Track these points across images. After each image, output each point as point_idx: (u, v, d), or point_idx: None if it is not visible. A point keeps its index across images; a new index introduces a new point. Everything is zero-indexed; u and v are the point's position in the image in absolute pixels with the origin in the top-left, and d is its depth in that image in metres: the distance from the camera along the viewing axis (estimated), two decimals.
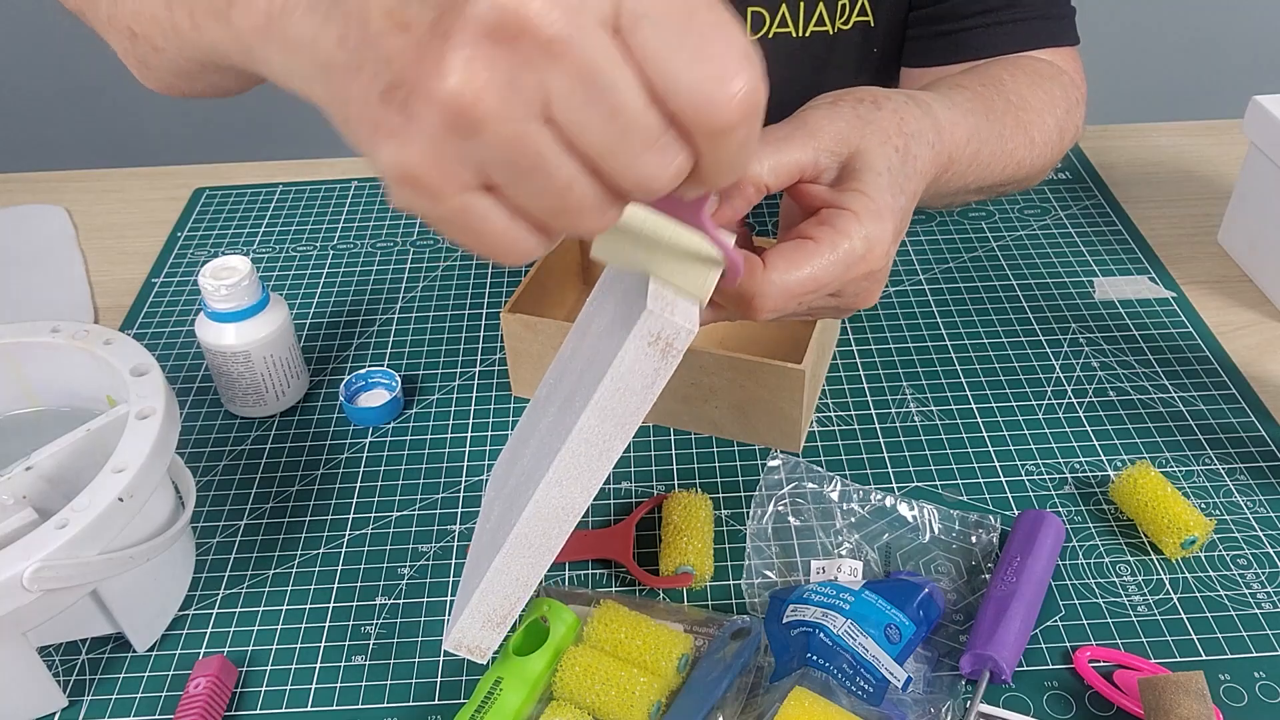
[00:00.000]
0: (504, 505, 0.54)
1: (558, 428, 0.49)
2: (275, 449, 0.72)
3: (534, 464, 0.51)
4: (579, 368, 0.51)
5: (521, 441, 0.59)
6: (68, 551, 0.50)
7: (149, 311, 0.85)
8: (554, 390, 0.56)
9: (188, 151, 2.03)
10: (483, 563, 0.51)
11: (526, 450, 0.56)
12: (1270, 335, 0.79)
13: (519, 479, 0.53)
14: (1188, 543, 0.61)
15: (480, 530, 0.59)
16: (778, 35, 0.85)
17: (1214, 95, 2.12)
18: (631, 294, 0.47)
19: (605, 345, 0.47)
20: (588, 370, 0.48)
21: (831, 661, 0.53)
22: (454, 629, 0.51)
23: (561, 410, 0.50)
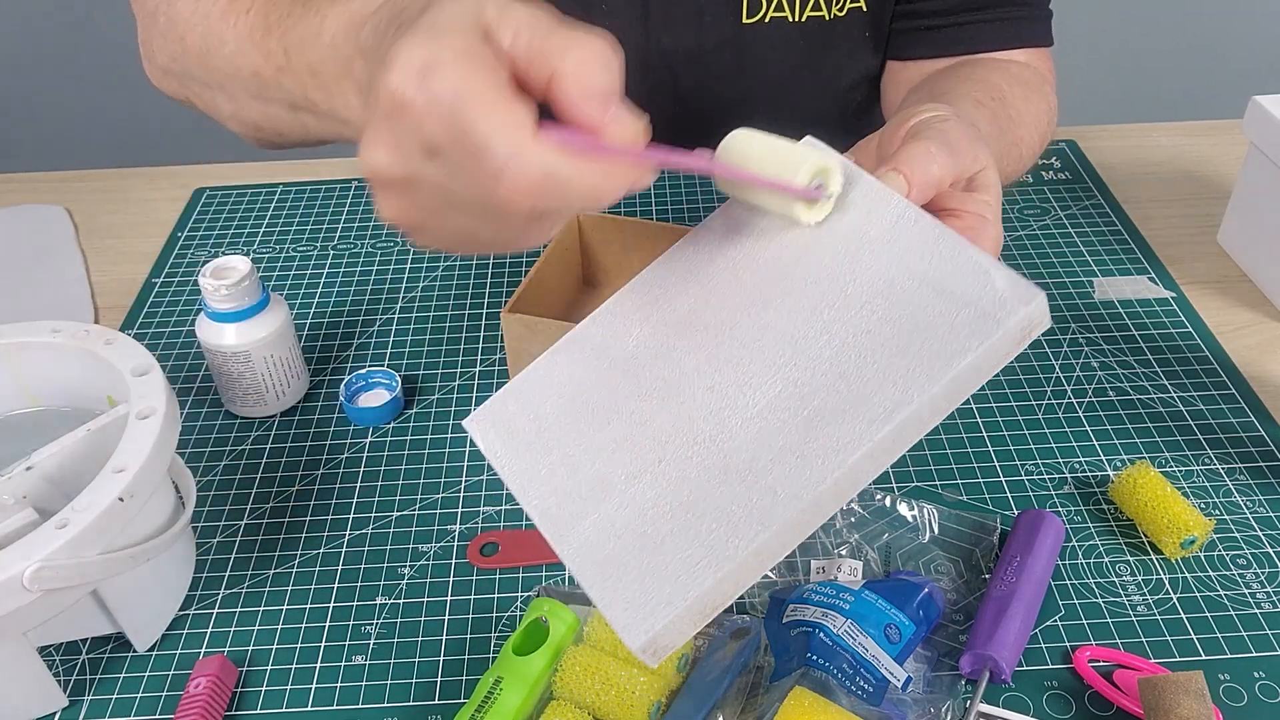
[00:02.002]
0: (696, 473, 0.46)
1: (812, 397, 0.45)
2: (275, 449, 0.72)
3: (770, 436, 0.45)
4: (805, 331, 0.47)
5: (630, 374, 0.50)
6: (68, 551, 0.50)
7: (149, 311, 0.85)
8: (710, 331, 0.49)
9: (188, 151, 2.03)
10: (688, 547, 0.44)
11: (694, 400, 0.48)
12: (1270, 335, 0.79)
13: (721, 446, 0.46)
14: (1187, 543, 0.61)
15: (626, 503, 0.47)
16: (774, 19, 0.85)
17: (1214, 95, 2.11)
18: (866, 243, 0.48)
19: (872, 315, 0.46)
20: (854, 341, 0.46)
21: (831, 661, 0.53)
22: (652, 629, 0.42)
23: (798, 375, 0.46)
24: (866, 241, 0.49)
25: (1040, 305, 0.45)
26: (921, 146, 0.51)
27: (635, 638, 0.42)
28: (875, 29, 0.87)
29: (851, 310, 0.47)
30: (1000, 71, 0.77)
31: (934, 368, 0.44)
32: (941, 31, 0.84)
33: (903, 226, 0.49)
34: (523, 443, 0.50)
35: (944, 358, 0.44)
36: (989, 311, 0.45)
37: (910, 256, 0.48)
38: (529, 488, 0.48)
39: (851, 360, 0.46)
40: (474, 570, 0.63)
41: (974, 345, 0.44)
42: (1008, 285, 0.45)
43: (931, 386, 0.44)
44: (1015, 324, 0.44)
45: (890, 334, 0.46)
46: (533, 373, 0.51)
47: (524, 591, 0.62)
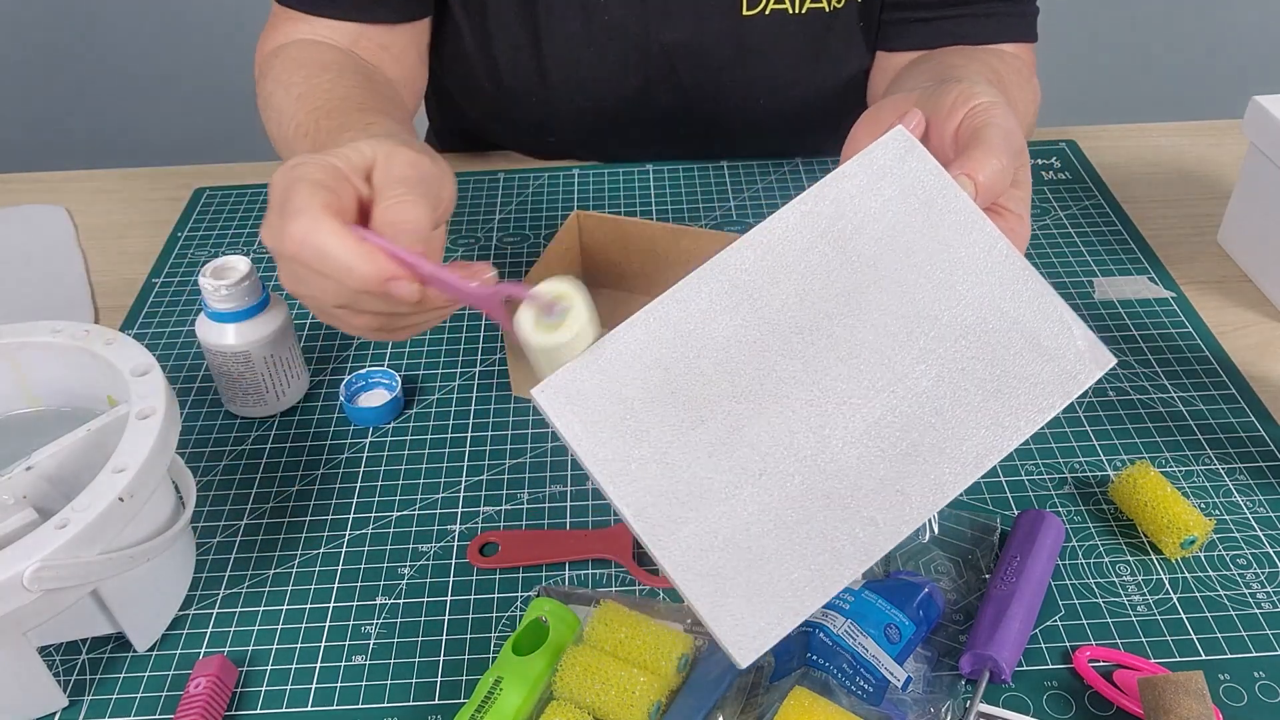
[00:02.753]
0: (799, 493, 0.47)
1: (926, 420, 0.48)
2: (275, 449, 0.72)
3: (870, 464, 0.48)
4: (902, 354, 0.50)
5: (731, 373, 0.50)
6: (68, 551, 0.50)
7: (149, 311, 0.85)
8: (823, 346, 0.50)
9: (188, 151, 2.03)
10: (793, 569, 0.46)
11: (793, 412, 0.49)
12: (1270, 335, 0.79)
13: (824, 468, 0.48)
14: (1187, 543, 0.61)
15: (728, 514, 0.47)
16: (775, 12, 0.86)
17: (1214, 95, 2.12)
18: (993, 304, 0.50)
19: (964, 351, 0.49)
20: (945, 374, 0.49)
21: (831, 661, 0.53)
22: (763, 648, 0.45)
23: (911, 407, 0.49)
24: (959, 266, 0.51)
25: (1108, 368, 0.49)
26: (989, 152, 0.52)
27: (745, 657, 0.45)
28: (867, 19, 0.87)
29: (947, 342, 0.50)
30: (994, 58, 0.78)
31: (1021, 420, 0.48)
32: (931, 24, 0.84)
33: (994, 259, 0.51)
34: (608, 428, 0.47)
35: (1030, 412, 0.48)
36: (1071, 372, 0.49)
37: (1000, 293, 0.51)
38: (620, 482, 0.47)
39: (947, 397, 0.49)
40: (474, 570, 0.63)
41: (1057, 404, 0.49)
42: (1087, 345, 0.49)
43: (1018, 438, 0.48)
44: (1085, 381, 0.49)
45: (983, 376, 0.49)
46: (610, 347, 0.49)
47: (524, 591, 0.62)
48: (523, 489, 0.68)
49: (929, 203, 0.51)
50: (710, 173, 0.98)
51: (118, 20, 1.98)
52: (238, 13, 1.97)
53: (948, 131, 0.55)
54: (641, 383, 0.48)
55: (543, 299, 0.47)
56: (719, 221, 0.92)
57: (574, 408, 0.48)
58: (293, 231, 0.47)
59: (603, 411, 0.48)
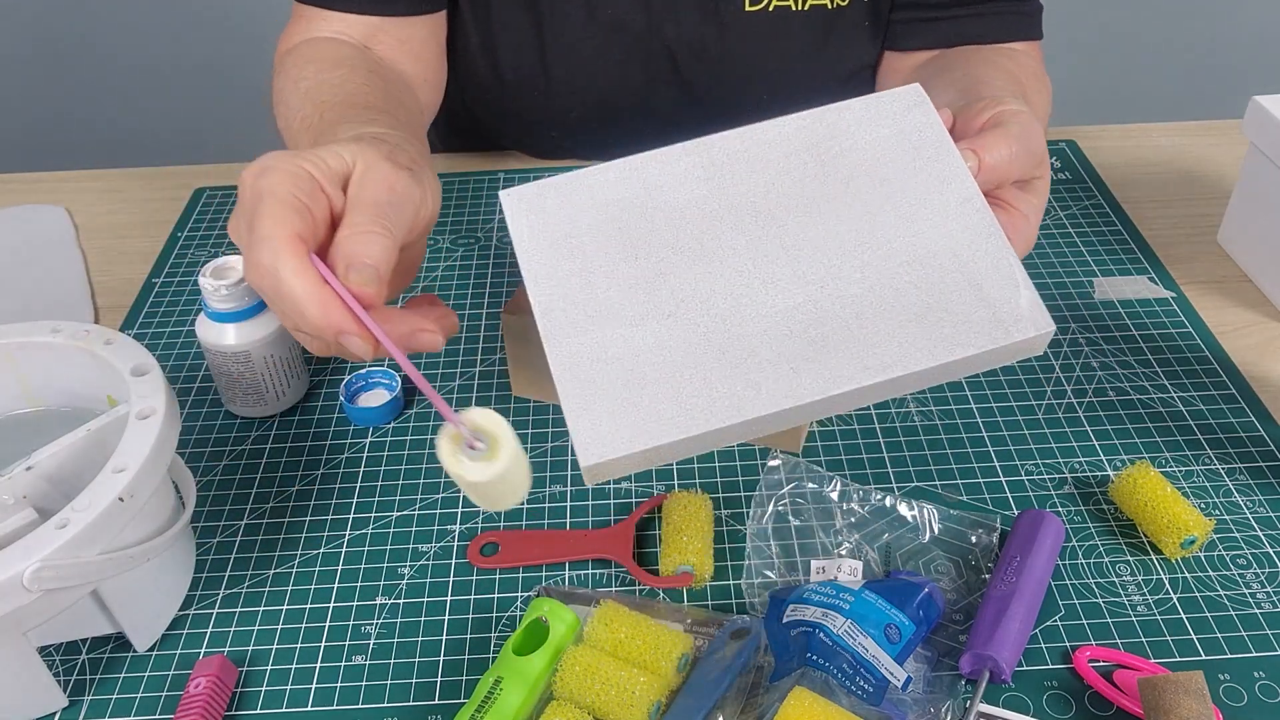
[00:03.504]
0: (698, 341, 0.49)
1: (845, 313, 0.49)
2: (275, 449, 0.72)
3: (774, 339, 0.49)
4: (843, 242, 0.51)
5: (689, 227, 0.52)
6: (68, 551, 0.50)
7: (149, 311, 0.85)
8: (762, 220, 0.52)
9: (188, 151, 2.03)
10: (664, 401, 0.47)
11: (721, 275, 0.51)
12: (1270, 335, 0.79)
13: (729, 328, 0.49)
14: (1187, 543, 0.61)
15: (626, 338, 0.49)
16: (778, 8, 0.86)
17: (1214, 95, 2.12)
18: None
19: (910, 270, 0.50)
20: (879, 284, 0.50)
21: (831, 661, 0.53)
22: (603, 456, 0.46)
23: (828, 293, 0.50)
24: (930, 207, 0.52)
25: (1047, 335, 0.49)
26: (1003, 139, 0.54)
27: (586, 457, 0.46)
28: (875, 17, 0.87)
29: (890, 263, 0.51)
30: (1009, 60, 0.79)
31: (938, 347, 0.48)
32: (940, 24, 0.85)
33: (966, 210, 0.52)
34: (549, 238, 0.52)
35: (949, 343, 0.49)
36: (1003, 321, 0.49)
37: (960, 240, 0.51)
38: (541, 281, 0.51)
39: (871, 306, 0.50)
40: (474, 570, 0.63)
41: (978, 344, 0.49)
42: (1028, 306, 0.49)
43: (929, 361, 0.48)
44: (1019, 341, 0.49)
45: (913, 300, 0.50)
46: (580, 179, 0.53)
47: (524, 591, 0.62)
48: None
49: (919, 149, 0.54)
50: None
51: (118, 20, 1.98)
52: (238, 13, 1.97)
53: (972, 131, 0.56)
54: (595, 213, 0.53)
55: (464, 430, 0.46)
56: None
57: (529, 215, 0.52)
58: (257, 259, 0.46)
59: (553, 226, 0.52)
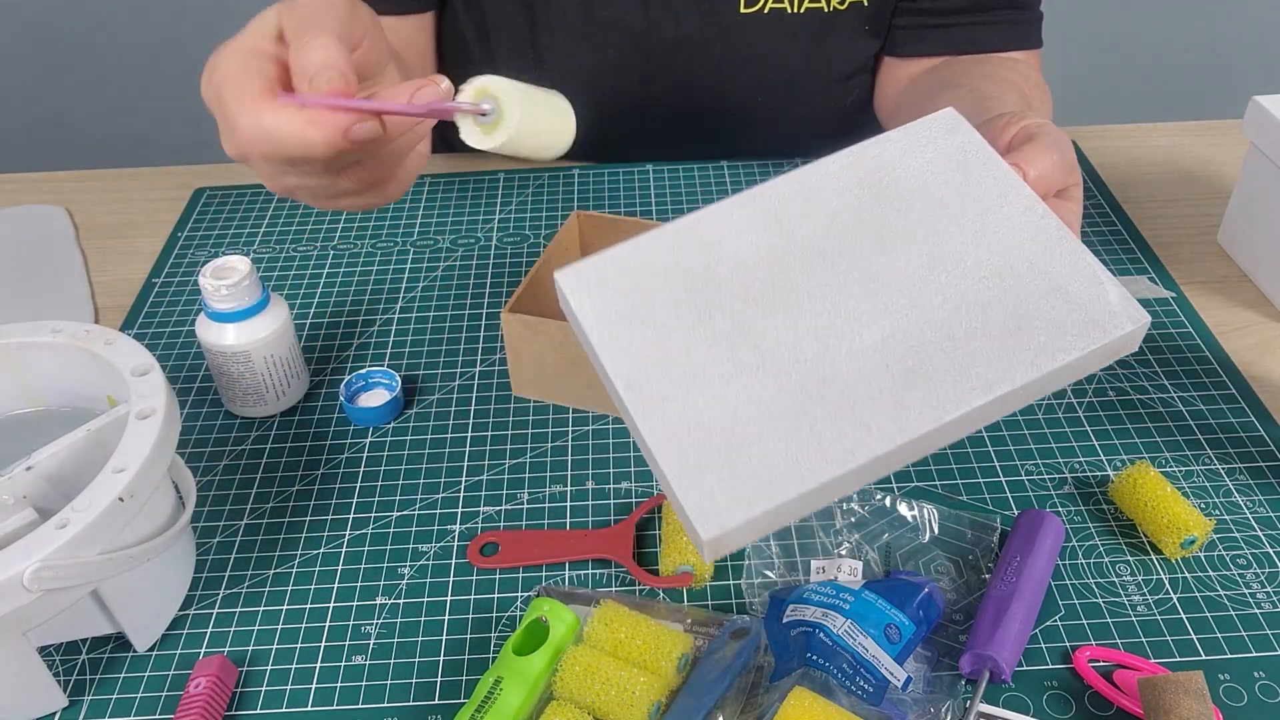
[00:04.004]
0: (794, 390, 0.47)
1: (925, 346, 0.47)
2: (275, 449, 0.72)
3: (872, 375, 0.47)
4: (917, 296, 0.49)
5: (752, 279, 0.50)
6: (68, 551, 0.50)
7: (149, 311, 0.85)
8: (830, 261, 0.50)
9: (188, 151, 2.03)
10: (774, 457, 0.45)
11: (802, 319, 0.49)
12: (1270, 335, 0.79)
13: (822, 371, 0.47)
14: (1187, 543, 0.61)
15: (718, 399, 0.47)
16: (773, 10, 0.86)
17: (1214, 95, 2.12)
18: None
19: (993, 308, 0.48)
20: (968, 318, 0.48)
21: (831, 661, 0.53)
22: (725, 525, 0.43)
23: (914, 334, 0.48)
24: (994, 220, 0.51)
25: (1143, 327, 0.48)
26: (1042, 149, 0.54)
27: (707, 529, 0.42)
28: (875, 22, 0.87)
29: (970, 281, 0.49)
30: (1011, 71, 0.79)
31: (1039, 357, 0.47)
32: (944, 31, 0.85)
33: (1030, 217, 0.51)
34: (617, 312, 0.49)
35: (1049, 351, 0.47)
36: (1098, 320, 0.48)
37: (1034, 248, 0.50)
38: (618, 358, 0.48)
39: (962, 327, 0.48)
40: (474, 570, 0.63)
41: (1079, 347, 0.47)
42: (1119, 301, 0.48)
43: (1033, 372, 0.46)
44: (1117, 339, 0.47)
45: (1003, 314, 0.48)
46: (635, 247, 0.51)
47: (524, 591, 0.62)
48: (523, 489, 0.68)
49: (968, 168, 0.52)
50: (710, 173, 0.98)
51: (118, 20, 1.98)
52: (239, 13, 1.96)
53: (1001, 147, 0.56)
54: (659, 279, 0.50)
55: (468, 107, 0.50)
56: None
57: (591, 292, 0.49)
58: (240, 130, 0.48)
59: (617, 298, 0.49)
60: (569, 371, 0.71)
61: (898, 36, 0.88)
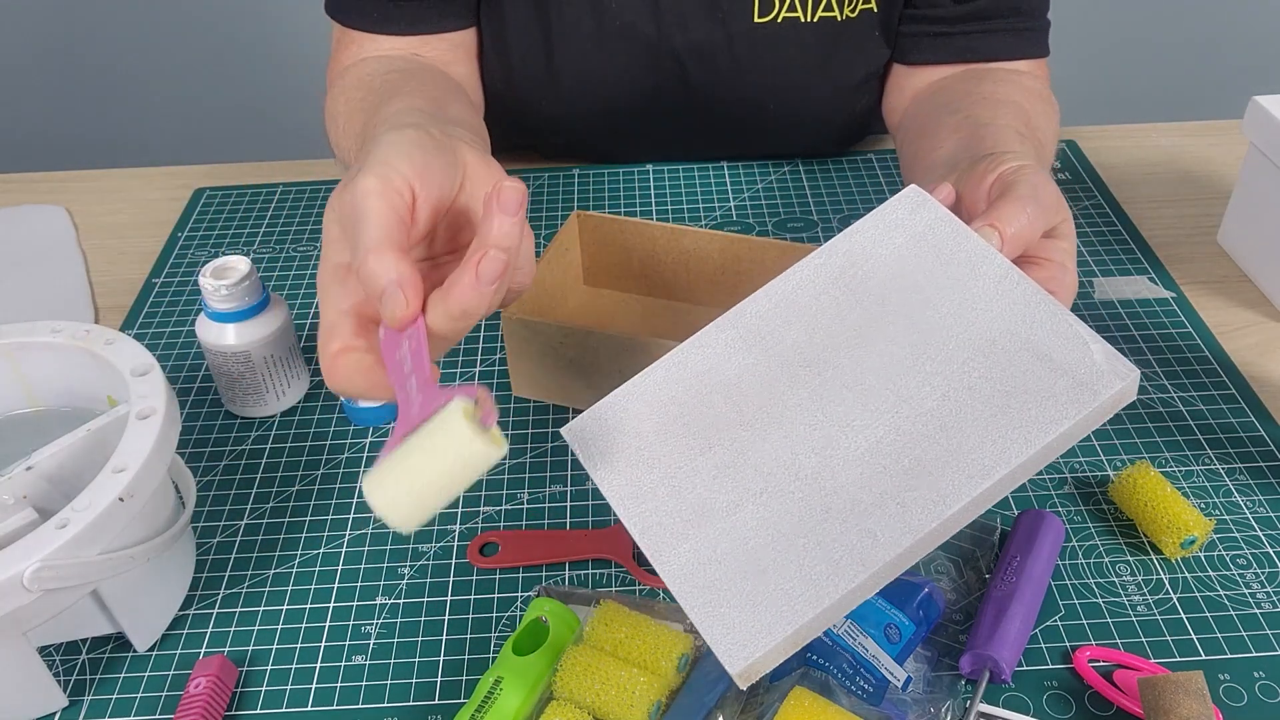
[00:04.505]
0: (799, 508, 0.48)
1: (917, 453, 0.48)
2: (275, 449, 0.72)
3: (872, 480, 0.48)
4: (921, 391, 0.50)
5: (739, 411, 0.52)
6: (68, 551, 0.50)
7: (149, 311, 0.85)
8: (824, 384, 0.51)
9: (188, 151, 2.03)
10: (788, 580, 0.46)
11: (797, 435, 0.50)
12: (1270, 335, 0.79)
13: (823, 485, 0.48)
14: (1187, 543, 0.61)
15: (728, 530, 0.48)
16: (786, 19, 0.86)
17: (1214, 95, 2.11)
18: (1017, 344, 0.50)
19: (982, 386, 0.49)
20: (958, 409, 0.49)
21: (831, 661, 0.53)
22: (751, 656, 0.44)
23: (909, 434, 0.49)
24: (970, 297, 0.52)
25: (1133, 382, 0.48)
26: (1016, 205, 0.54)
27: (734, 663, 0.45)
28: (885, 28, 0.87)
29: (954, 365, 0.50)
30: (1015, 87, 0.79)
31: (1031, 432, 0.47)
32: (949, 39, 0.85)
33: (1006, 287, 0.51)
34: (623, 458, 0.52)
35: (1041, 424, 0.47)
36: (1086, 383, 0.48)
37: (1012, 318, 0.51)
38: (629, 503, 0.50)
39: (953, 414, 0.49)
40: (474, 570, 0.63)
41: (1070, 414, 0.47)
42: (1104, 359, 0.48)
43: (1028, 449, 0.47)
44: (1109, 397, 0.47)
45: (991, 393, 0.49)
46: (631, 389, 0.54)
47: (524, 591, 0.62)
48: (523, 489, 0.68)
49: (938, 246, 0.54)
50: (710, 173, 0.98)
51: (118, 20, 1.98)
52: (238, 13, 1.97)
53: (980, 197, 0.57)
54: (657, 418, 0.52)
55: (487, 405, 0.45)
56: (719, 221, 0.92)
57: (595, 442, 0.52)
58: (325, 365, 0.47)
59: (620, 444, 0.52)
60: (569, 371, 0.71)
61: (903, 44, 0.88)
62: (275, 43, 1.97)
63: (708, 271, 0.79)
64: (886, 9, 0.86)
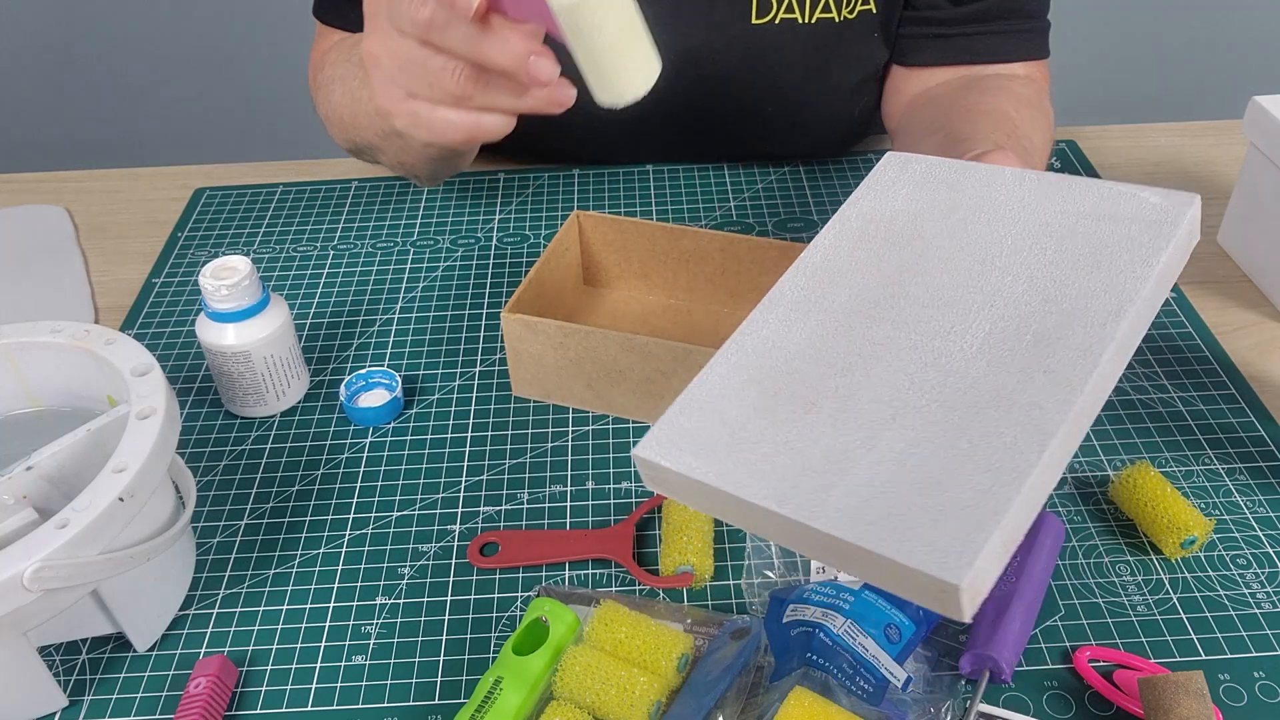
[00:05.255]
0: (942, 415, 0.44)
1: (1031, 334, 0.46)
2: (275, 449, 0.72)
3: (1003, 363, 0.45)
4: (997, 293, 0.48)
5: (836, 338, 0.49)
6: (68, 551, 0.50)
7: (149, 311, 0.85)
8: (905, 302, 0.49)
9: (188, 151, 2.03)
10: (972, 477, 0.41)
11: (902, 360, 0.47)
12: (1270, 335, 0.79)
13: (956, 386, 0.45)
14: (1187, 543, 0.61)
15: (876, 462, 0.44)
16: (784, 20, 0.86)
17: (1214, 95, 2.12)
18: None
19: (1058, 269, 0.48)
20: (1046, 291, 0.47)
21: (831, 661, 0.53)
22: (973, 561, 0.38)
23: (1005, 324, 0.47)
24: (1002, 203, 0.50)
25: (1197, 207, 0.47)
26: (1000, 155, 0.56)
27: (959, 575, 0.38)
28: (885, 29, 0.87)
29: (1023, 252, 0.48)
30: (1005, 95, 0.78)
31: (1136, 269, 0.46)
32: (948, 40, 0.85)
33: (1029, 183, 0.50)
34: (719, 447, 0.46)
35: (1140, 260, 0.46)
36: (1157, 221, 0.47)
37: (1052, 201, 0.49)
38: (750, 484, 0.44)
39: (1049, 287, 0.47)
40: (474, 570, 0.63)
41: (1162, 245, 0.46)
42: (1161, 198, 0.47)
43: (1143, 283, 0.45)
44: (1186, 224, 0.47)
45: (1075, 260, 0.47)
46: (699, 387, 0.49)
47: (524, 591, 0.62)
48: (523, 489, 0.68)
49: (946, 180, 0.53)
50: (710, 173, 0.98)
51: (118, 21, 1.98)
52: (238, 13, 1.97)
53: None
54: (739, 402, 0.48)
55: None
56: (719, 221, 0.92)
57: (679, 447, 0.46)
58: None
59: (711, 437, 0.46)
60: (569, 371, 0.71)
61: (902, 46, 0.88)
62: (275, 43, 1.97)
63: (708, 271, 0.79)
64: (885, 10, 0.86)
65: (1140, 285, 0.45)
